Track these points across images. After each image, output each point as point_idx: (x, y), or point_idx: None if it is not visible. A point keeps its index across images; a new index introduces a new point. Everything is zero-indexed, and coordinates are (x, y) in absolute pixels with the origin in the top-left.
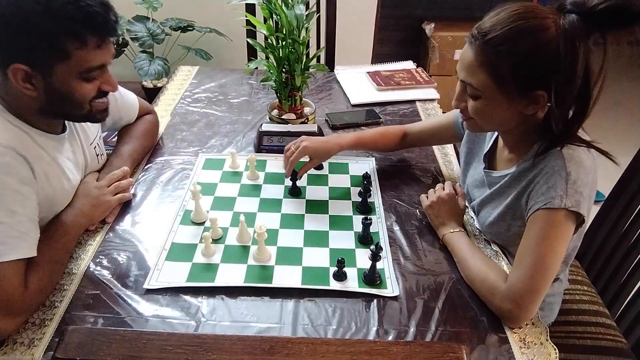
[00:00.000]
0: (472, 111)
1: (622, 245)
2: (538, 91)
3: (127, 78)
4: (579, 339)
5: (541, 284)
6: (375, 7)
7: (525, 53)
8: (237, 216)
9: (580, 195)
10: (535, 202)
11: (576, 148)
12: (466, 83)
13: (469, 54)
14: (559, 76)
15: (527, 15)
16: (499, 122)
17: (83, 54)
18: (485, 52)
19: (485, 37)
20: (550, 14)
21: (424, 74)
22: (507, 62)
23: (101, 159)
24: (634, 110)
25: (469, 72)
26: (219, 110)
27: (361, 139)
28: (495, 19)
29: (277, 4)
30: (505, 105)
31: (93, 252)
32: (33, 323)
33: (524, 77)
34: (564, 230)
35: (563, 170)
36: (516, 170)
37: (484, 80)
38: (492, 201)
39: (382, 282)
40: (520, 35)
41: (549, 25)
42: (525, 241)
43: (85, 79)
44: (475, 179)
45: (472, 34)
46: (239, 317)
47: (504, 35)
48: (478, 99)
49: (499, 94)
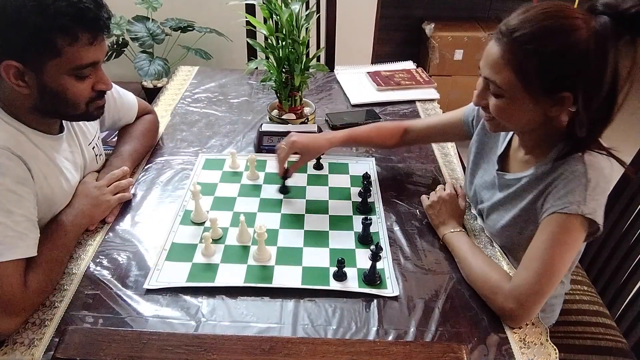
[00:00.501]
0: (494, 109)
1: (622, 245)
2: (564, 92)
3: (127, 78)
4: (579, 339)
5: (547, 287)
6: (375, 7)
7: (553, 52)
8: (237, 216)
9: (596, 203)
10: (551, 205)
11: (597, 155)
12: (490, 80)
13: (494, 50)
14: (587, 79)
15: (558, 15)
16: (521, 122)
17: (74, 51)
18: (512, 49)
19: (513, 35)
20: (580, 15)
21: (424, 74)
22: (534, 61)
23: (100, 159)
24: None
25: (493, 69)
26: (219, 110)
27: (354, 135)
28: (524, 17)
29: (277, 4)
30: (529, 105)
31: (93, 252)
32: (33, 323)
33: (551, 77)
34: (576, 237)
35: (584, 176)
36: (534, 173)
37: (510, 79)
38: (506, 204)
39: (382, 282)
40: (550, 34)
41: (579, 25)
42: (536, 243)
43: (78, 77)
44: (485, 180)
45: (500, 30)
46: (239, 317)
47: (532, 34)
48: (501, 97)
49: (523, 93)
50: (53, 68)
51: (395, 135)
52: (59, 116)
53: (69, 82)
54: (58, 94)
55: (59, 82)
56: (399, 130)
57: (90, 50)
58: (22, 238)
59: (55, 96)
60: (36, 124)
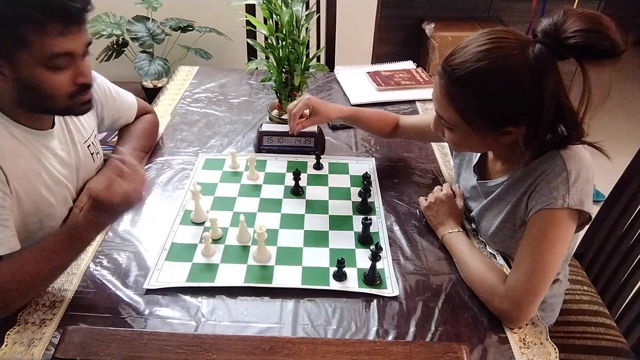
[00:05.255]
0: (448, 139)
1: (622, 245)
2: (506, 127)
3: (127, 78)
4: (579, 339)
5: (540, 285)
6: (375, 7)
7: (489, 94)
8: (237, 216)
9: (581, 193)
10: (536, 202)
11: (572, 147)
12: (438, 115)
13: (438, 87)
14: (526, 111)
15: (494, 54)
16: (477, 148)
17: (43, 41)
18: (451, 91)
19: (453, 76)
20: (519, 47)
21: (424, 74)
22: (471, 102)
23: (97, 157)
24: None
25: (439, 106)
26: (219, 110)
27: (358, 114)
28: (464, 54)
29: (277, 4)
30: (478, 137)
31: (93, 252)
32: (33, 323)
33: (490, 116)
34: (565, 230)
35: (564, 170)
36: (511, 177)
37: (453, 116)
38: (491, 209)
39: (382, 282)
40: (484, 76)
41: (514, 63)
42: (525, 242)
43: (52, 68)
44: (468, 190)
45: (443, 66)
46: (239, 317)
47: (468, 76)
48: (452, 130)
49: (469, 129)
50: (26, 60)
51: (389, 125)
52: (42, 110)
53: (43, 74)
54: (35, 87)
55: (34, 74)
56: (393, 122)
57: (62, 41)
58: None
59: (33, 89)
60: (25, 119)
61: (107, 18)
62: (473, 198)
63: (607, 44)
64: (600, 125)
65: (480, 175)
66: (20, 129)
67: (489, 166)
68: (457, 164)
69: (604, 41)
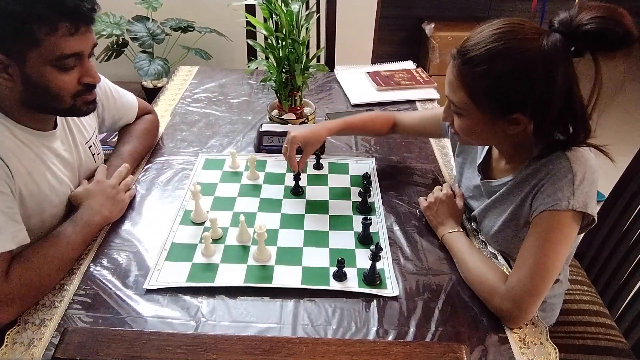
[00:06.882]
0: (457, 127)
1: (622, 245)
2: (515, 114)
3: (127, 78)
4: (579, 339)
5: (542, 286)
6: (375, 7)
7: (500, 76)
8: (237, 216)
9: (586, 195)
10: (541, 203)
11: (578, 149)
12: (449, 99)
13: (450, 69)
14: (535, 99)
15: (508, 36)
16: (484, 139)
17: (54, 41)
18: (463, 71)
19: (465, 57)
20: (534, 34)
21: (424, 74)
22: (483, 83)
23: (98, 158)
24: (634, 110)
25: (451, 89)
26: (219, 110)
27: (349, 123)
28: (478, 37)
29: (277, 4)
30: (487, 124)
31: (93, 252)
32: (33, 323)
33: (499, 99)
34: (568, 232)
35: (570, 172)
36: (519, 175)
37: (464, 99)
38: (495, 209)
39: (382, 282)
40: (497, 57)
41: (528, 47)
42: (528, 242)
43: (60, 68)
44: (470, 190)
45: (457, 49)
46: (239, 317)
47: (480, 57)
48: (461, 115)
49: (479, 113)
50: (34, 59)
51: (386, 125)
52: (46, 111)
53: (51, 74)
54: (41, 87)
55: (42, 73)
56: (390, 121)
57: (71, 41)
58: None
59: (39, 89)
60: (28, 120)
61: (107, 18)
62: (475, 197)
63: (620, 30)
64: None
65: (483, 175)
66: (23, 130)
67: (493, 165)
68: (460, 163)
69: (617, 27)
